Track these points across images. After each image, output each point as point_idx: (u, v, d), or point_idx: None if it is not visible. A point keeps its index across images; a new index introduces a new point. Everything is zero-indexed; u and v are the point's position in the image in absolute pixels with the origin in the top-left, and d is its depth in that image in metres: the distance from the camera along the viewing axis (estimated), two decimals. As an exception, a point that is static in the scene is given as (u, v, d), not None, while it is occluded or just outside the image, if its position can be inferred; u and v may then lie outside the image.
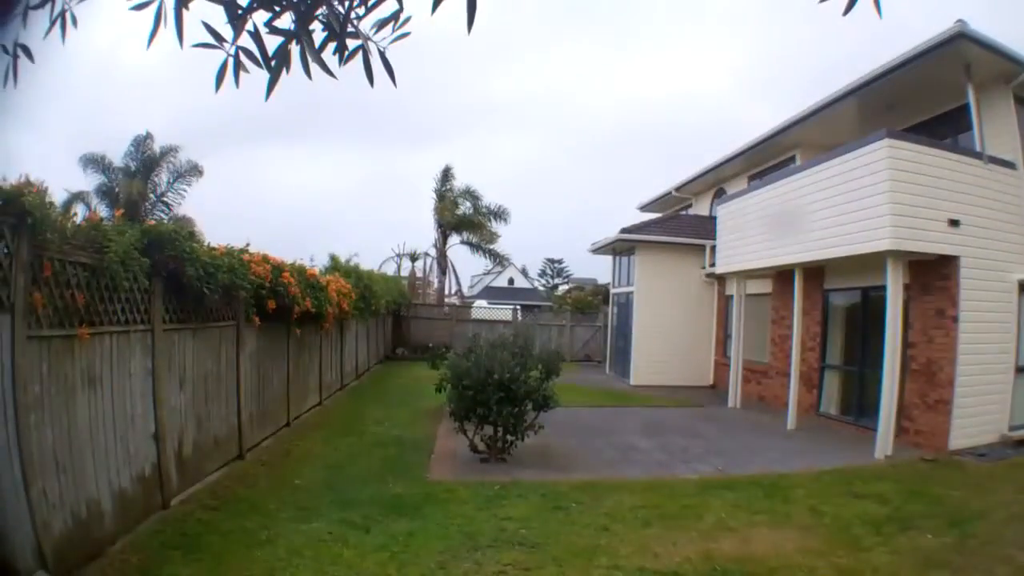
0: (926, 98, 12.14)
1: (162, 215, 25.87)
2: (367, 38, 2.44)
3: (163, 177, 27.04)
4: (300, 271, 10.01)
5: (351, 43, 2.45)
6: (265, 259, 8.46)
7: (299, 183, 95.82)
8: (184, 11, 2.34)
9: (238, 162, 73.56)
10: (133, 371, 5.70)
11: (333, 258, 16.23)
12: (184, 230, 6.65)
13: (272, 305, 8.55)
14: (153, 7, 2.35)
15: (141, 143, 26.56)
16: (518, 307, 33.07)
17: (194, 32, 2.37)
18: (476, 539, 5.93)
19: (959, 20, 10.02)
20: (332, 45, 2.45)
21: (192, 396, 6.96)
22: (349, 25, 2.43)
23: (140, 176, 26.17)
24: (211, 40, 2.39)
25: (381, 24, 2.44)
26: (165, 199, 26.92)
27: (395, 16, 2.42)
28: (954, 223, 10.16)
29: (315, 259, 13.82)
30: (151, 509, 6.01)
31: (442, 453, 9.48)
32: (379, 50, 2.45)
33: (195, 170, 27.27)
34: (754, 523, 6.72)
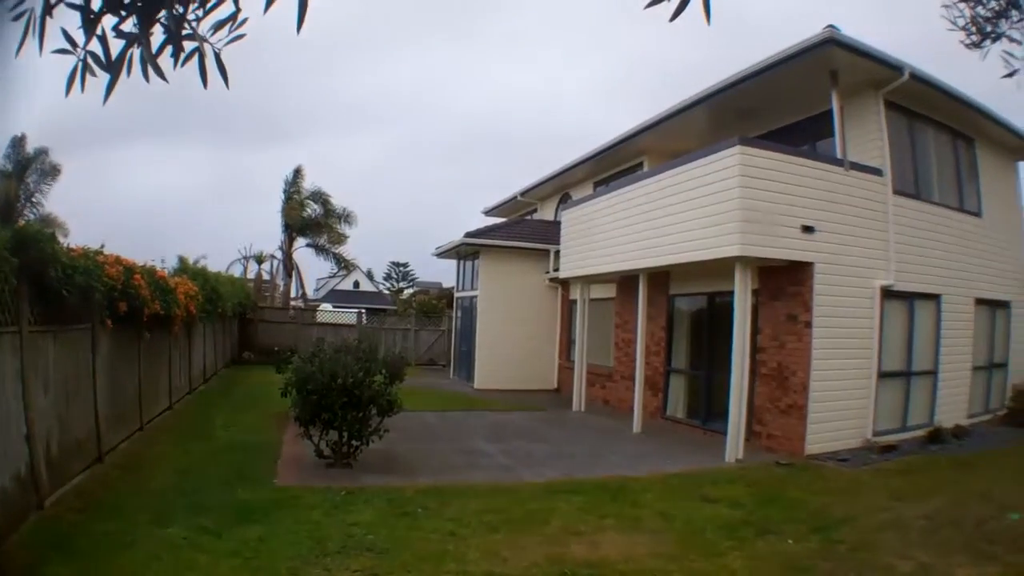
0: (792, 103, 12.42)
1: (32, 215, 27.13)
2: (203, 40, 2.54)
3: (33, 178, 28.74)
4: (150, 273, 9.83)
5: (189, 45, 2.55)
6: (118, 260, 8.28)
7: (157, 182, 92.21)
8: (48, 19, 2.42)
9: (105, 162, 70.46)
10: (5, 372, 5.71)
11: (182, 260, 16.03)
12: (46, 231, 6.67)
13: (123, 308, 8.32)
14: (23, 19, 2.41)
15: (17, 144, 27.24)
16: (363, 311, 32.69)
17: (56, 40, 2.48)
18: (325, 545, 5.86)
19: (829, 26, 10.18)
20: (172, 47, 2.54)
21: (55, 399, 6.89)
22: (186, 27, 2.52)
23: (15, 177, 27.57)
24: (67, 46, 2.50)
25: (218, 26, 2.53)
26: (33, 199, 28.62)
27: (232, 17, 2.52)
28: (808, 229, 10.33)
29: (166, 261, 13.52)
30: (29, 509, 6.10)
31: (289, 458, 9.32)
32: (214, 51, 2.56)
33: (55, 170, 28.60)
34: (603, 527, 6.73)
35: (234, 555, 5.54)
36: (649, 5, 2.32)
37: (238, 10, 2.50)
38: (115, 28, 2.49)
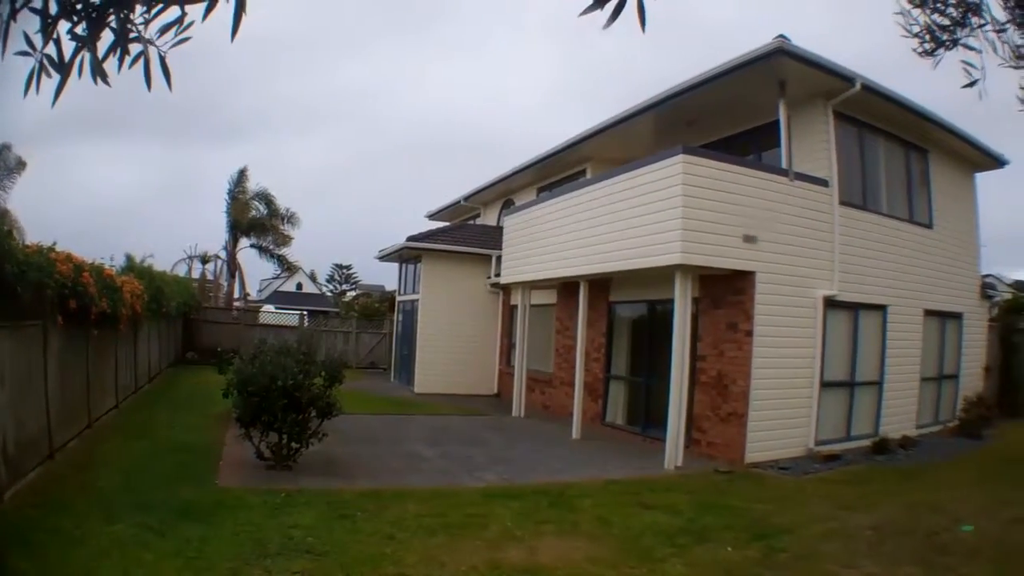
0: (741, 113, 12.84)
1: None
2: (149, 42, 2.63)
3: (-2, 175, 28.15)
4: (98, 271, 9.91)
5: (135, 48, 2.65)
6: (69, 258, 8.41)
7: (108, 179, 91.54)
8: (12, 23, 2.54)
9: (57, 158, 67.84)
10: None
11: (129, 258, 16.20)
12: (3, 228, 6.88)
13: (73, 305, 8.49)
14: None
15: (-20, 142, 27.08)
16: (305, 312, 33.48)
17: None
18: (265, 546, 5.98)
19: (780, 36, 10.55)
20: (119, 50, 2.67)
21: (12, 396, 6.99)
22: (133, 31, 2.63)
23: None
24: (27, 48, 2.62)
25: (164, 29, 2.63)
26: (-1, 196, 27.88)
27: (179, 21, 2.61)
28: (750, 239, 10.69)
29: (114, 259, 13.57)
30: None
31: (230, 459, 9.47)
32: (159, 55, 2.66)
33: (21, 164, 28.04)
34: (541, 532, 6.92)
35: (177, 554, 5.71)
36: (584, 12, 2.38)
37: (184, 14, 2.59)
38: (69, 31, 2.61)
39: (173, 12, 2.62)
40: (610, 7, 2.35)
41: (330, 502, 7.53)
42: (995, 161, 15.97)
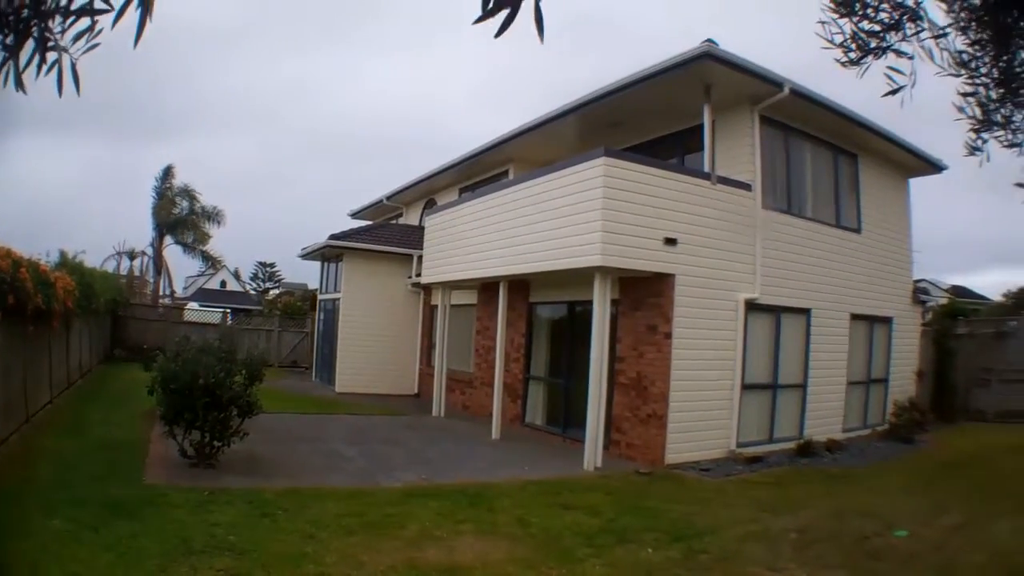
0: (667, 116, 13.35)
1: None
2: (64, 50, 2.68)
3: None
4: (34, 267, 10.00)
5: (51, 55, 2.69)
6: (8, 254, 8.57)
7: (41, 175, 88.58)
8: None
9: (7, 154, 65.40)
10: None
11: (63, 255, 16.75)
12: None
13: (12, 300, 8.56)
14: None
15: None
16: (228, 310, 34.09)
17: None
18: (190, 544, 6.14)
19: (707, 40, 11.01)
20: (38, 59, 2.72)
21: None
22: (51, 40, 2.67)
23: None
24: None
25: (77, 37, 2.68)
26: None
27: (90, 28, 2.66)
28: (670, 242, 11.14)
29: (49, 255, 14.27)
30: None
31: (156, 457, 9.69)
32: (71, 61, 2.70)
33: None
34: (460, 532, 7.13)
35: (110, 550, 5.89)
36: (476, 21, 2.39)
37: (94, 22, 2.66)
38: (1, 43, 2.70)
39: (85, 20, 2.70)
40: (502, 16, 2.38)
41: (251, 501, 7.72)
42: (932, 166, 16.65)
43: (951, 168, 16.61)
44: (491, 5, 2.37)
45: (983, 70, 3.97)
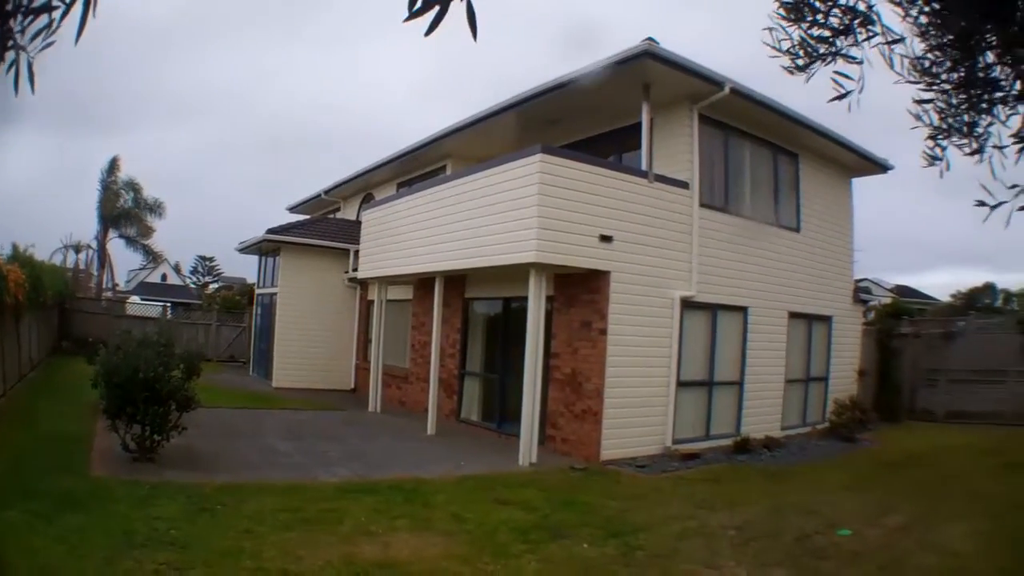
0: (607, 113, 13.81)
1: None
2: (22, 48, 2.71)
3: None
4: None
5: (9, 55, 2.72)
6: None
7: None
8: None
9: None
10: None
11: (15, 248, 16.78)
12: None
13: None
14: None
15: None
16: (168, 304, 34.18)
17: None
18: (133, 537, 6.29)
19: (648, 39, 11.27)
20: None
21: None
22: (10, 40, 2.69)
23: None
24: None
25: (35, 35, 2.71)
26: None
27: (48, 26, 2.70)
28: (606, 239, 11.50)
29: (2, 248, 14.77)
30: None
31: (100, 450, 9.87)
32: (28, 60, 2.74)
33: None
34: (395, 528, 7.27)
35: (62, 541, 6.06)
36: (408, 19, 2.42)
37: (52, 19, 2.68)
38: None
39: (43, 18, 2.73)
40: (431, 14, 2.42)
41: (191, 495, 7.88)
42: (877, 166, 17.28)
43: (904, 169, 17.31)
44: (419, 5, 2.41)
45: (944, 76, 3.96)
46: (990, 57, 3.85)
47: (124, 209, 36.69)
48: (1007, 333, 21.87)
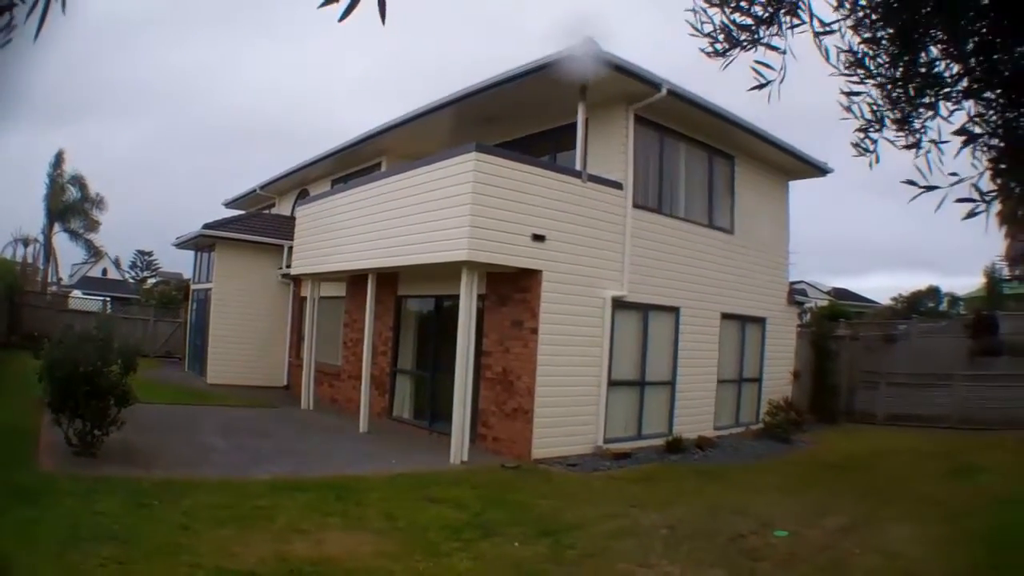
0: (543, 113, 14.11)
1: None
2: None
3: None
4: None
5: None
6: None
7: None
8: None
9: None
10: None
11: None
12: None
13: None
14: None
15: None
16: (109, 299, 36.00)
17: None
18: (79, 531, 6.46)
19: (587, 38, 11.50)
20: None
21: None
22: None
23: None
24: None
25: None
26: None
27: (9, 24, 2.75)
28: (538, 238, 11.82)
29: None
30: None
31: (47, 444, 10.10)
32: None
33: None
34: (327, 526, 7.44)
35: (18, 534, 6.27)
36: (322, 6, 2.45)
37: (12, 17, 2.71)
38: None
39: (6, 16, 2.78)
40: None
41: (130, 490, 8.05)
42: (816, 169, 17.93)
43: (844, 173, 17.80)
44: None
45: (880, 70, 3.91)
46: (933, 52, 3.84)
47: (69, 203, 37.74)
48: (953, 337, 22.78)
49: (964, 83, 3.73)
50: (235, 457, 10.87)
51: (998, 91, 3.64)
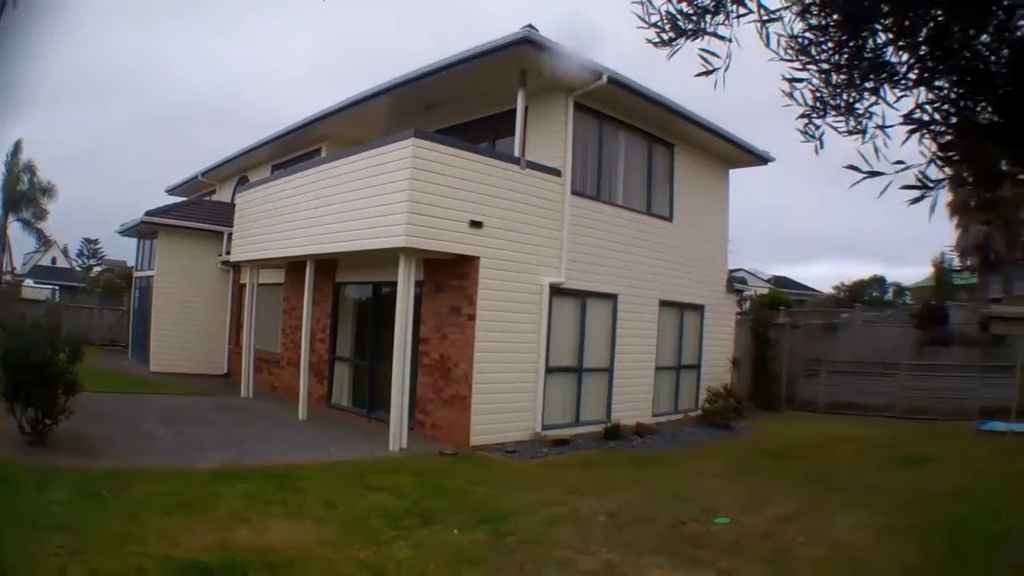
0: (484, 99, 14.33)
1: None
2: None
3: None
4: None
5: None
6: None
7: None
8: None
9: None
10: None
11: None
12: None
13: None
14: None
15: None
16: (57, 288, 36.66)
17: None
18: (37, 520, 6.59)
19: (528, 25, 11.76)
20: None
21: None
22: None
23: None
24: None
25: None
26: None
27: None
28: (476, 224, 12.03)
29: None
30: None
31: (4, 434, 9.95)
32: None
33: None
34: (269, 514, 7.51)
35: None
36: None
37: None
38: None
39: None
40: None
41: (79, 479, 8.16)
42: (758, 158, 18.43)
43: (793, 161, 18.27)
44: None
45: (824, 56, 3.95)
46: (880, 39, 3.86)
47: (22, 192, 38.58)
48: (898, 326, 23.50)
49: (916, 71, 3.78)
50: (178, 446, 11.02)
51: (953, 79, 3.70)
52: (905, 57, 3.77)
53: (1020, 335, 13.78)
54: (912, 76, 3.76)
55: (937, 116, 3.69)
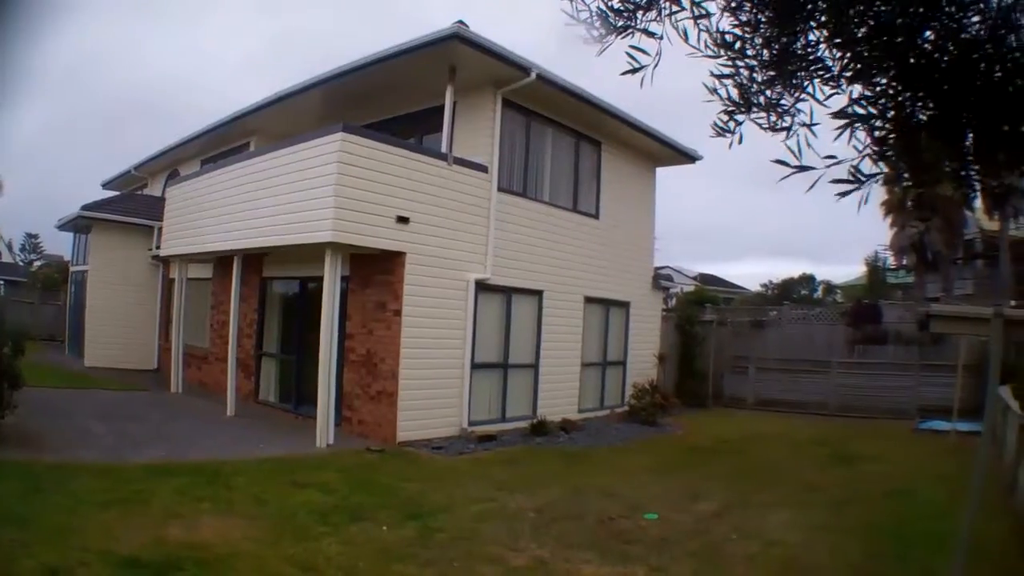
0: (415, 94, 14.60)
1: None
2: None
3: None
4: None
5: None
6: None
7: None
8: None
9: None
10: None
11: None
12: None
13: None
14: None
15: None
16: (2, 282, 37.45)
17: None
18: None
19: (459, 21, 12.07)
20: None
21: None
22: None
23: None
24: None
25: None
26: None
27: None
28: (402, 220, 12.33)
29: None
30: None
31: None
32: None
33: None
34: (200, 510, 7.70)
35: None
36: None
37: None
38: None
39: None
40: None
41: (26, 473, 8.42)
42: (685, 156, 19.13)
43: (723, 160, 19.10)
44: None
45: (750, 51, 3.93)
46: (813, 36, 3.85)
47: None
48: (827, 324, 24.49)
49: (852, 68, 3.76)
50: (113, 441, 11.18)
51: (891, 75, 3.70)
52: (839, 54, 3.79)
53: (961, 334, 14.43)
54: (848, 73, 3.79)
55: (873, 111, 3.72)
